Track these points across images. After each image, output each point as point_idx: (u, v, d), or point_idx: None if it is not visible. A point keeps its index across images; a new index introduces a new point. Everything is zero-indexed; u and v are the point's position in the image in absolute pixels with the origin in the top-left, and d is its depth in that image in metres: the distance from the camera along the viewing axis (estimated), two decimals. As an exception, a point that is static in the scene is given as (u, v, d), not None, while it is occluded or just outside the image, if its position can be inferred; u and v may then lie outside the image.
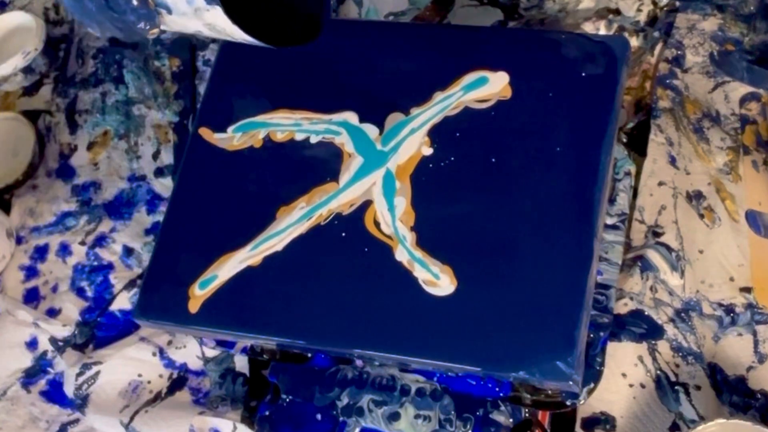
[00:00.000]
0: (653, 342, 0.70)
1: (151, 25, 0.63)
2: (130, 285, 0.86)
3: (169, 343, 0.82)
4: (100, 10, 0.61)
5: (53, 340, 0.85)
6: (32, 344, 0.85)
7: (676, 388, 0.69)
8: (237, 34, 0.62)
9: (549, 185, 0.64)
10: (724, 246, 0.73)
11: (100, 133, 0.95)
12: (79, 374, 0.81)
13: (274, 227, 0.68)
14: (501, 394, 0.65)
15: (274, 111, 0.73)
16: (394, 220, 0.66)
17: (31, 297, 0.88)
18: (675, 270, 0.72)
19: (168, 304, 0.68)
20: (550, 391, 0.64)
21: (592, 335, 0.65)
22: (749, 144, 0.77)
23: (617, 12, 0.86)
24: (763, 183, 0.75)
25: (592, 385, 0.64)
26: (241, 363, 0.79)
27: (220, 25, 0.62)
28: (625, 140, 0.79)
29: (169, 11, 0.62)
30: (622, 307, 0.72)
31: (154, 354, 0.82)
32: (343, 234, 0.66)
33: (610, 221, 0.70)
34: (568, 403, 0.64)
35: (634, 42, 0.84)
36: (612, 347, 0.70)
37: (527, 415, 0.66)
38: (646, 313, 0.71)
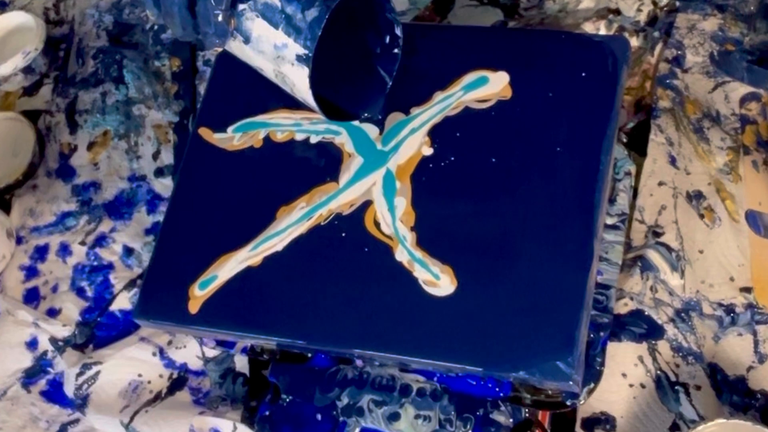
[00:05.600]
0: (653, 342, 0.70)
1: (220, 43, 0.64)
2: (130, 285, 0.86)
3: (169, 343, 0.82)
4: (182, 14, 0.63)
5: (53, 340, 0.85)
6: (32, 344, 0.85)
7: (676, 388, 0.69)
8: (305, 95, 0.64)
9: (549, 185, 0.64)
10: (724, 246, 0.73)
11: (100, 133, 0.95)
12: (79, 374, 0.81)
13: (274, 227, 0.68)
14: (501, 394, 0.65)
15: (274, 111, 0.73)
16: (394, 220, 0.66)
17: (31, 297, 0.88)
18: (675, 270, 0.72)
19: (168, 304, 0.68)
20: (550, 391, 0.64)
21: (592, 335, 0.65)
22: (749, 144, 0.77)
23: (617, 12, 0.86)
24: (763, 183, 0.75)
25: (592, 385, 0.64)
26: (241, 363, 0.79)
27: (293, 81, 0.63)
28: (625, 140, 0.79)
29: (247, 41, 0.63)
30: (622, 307, 0.72)
31: (154, 354, 0.82)
32: (343, 234, 0.66)
33: (610, 221, 0.70)
34: (568, 403, 0.64)
35: (634, 42, 0.84)
36: (612, 347, 0.70)
37: (527, 415, 0.66)
38: (646, 313, 0.71)
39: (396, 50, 0.68)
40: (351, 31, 0.68)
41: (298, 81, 0.63)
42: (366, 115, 0.70)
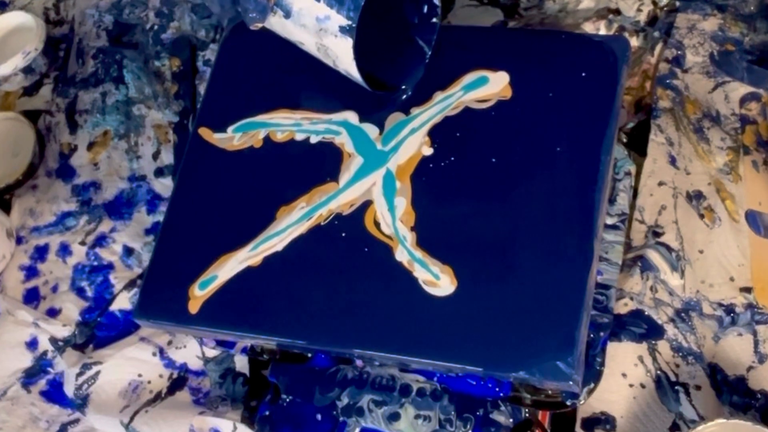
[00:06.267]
0: (653, 342, 0.70)
1: (260, 19, 0.63)
2: (130, 285, 0.86)
3: (169, 343, 0.82)
4: None
5: (53, 340, 0.85)
6: (32, 344, 0.85)
7: (676, 388, 0.69)
8: (348, 66, 0.63)
9: (549, 185, 0.64)
10: (724, 246, 0.73)
11: (100, 133, 0.95)
12: (79, 374, 0.81)
13: (274, 227, 0.68)
14: (501, 394, 0.65)
15: (274, 111, 0.73)
16: (394, 220, 0.66)
17: (31, 297, 0.88)
18: (675, 270, 0.72)
19: (168, 304, 0.68)
20: (550, 391, 0.64)
21: (592, 335, 0.65)
22: (749, 144, 0.77)
23: (617, 12, 0.86)
24: (763, 183, 0.75)
25: (592, 385, 0.64)
26: (241, 363, 0.79)
27: (336, 53, 0.63)
28: (625, 140, 0.79)
29: (287, 16, 0.63)
30: (622, 307, 0.72)
31: (154, 354, 0.82)
32: (343, 234, 0.66)
33: (610, 221, 0.70)
34: (568, 403, 0.64)
35: (634, 42, 0.84)
36: (612, 347, 0.70)
37: (527, 415, 0.66)
38: (646, 313, 0.71)
39: (434, 19, 0.68)
40: (388, 2, 0.68)
41: (341, 53, 0.63)
42: (404, 86, 0.70)
